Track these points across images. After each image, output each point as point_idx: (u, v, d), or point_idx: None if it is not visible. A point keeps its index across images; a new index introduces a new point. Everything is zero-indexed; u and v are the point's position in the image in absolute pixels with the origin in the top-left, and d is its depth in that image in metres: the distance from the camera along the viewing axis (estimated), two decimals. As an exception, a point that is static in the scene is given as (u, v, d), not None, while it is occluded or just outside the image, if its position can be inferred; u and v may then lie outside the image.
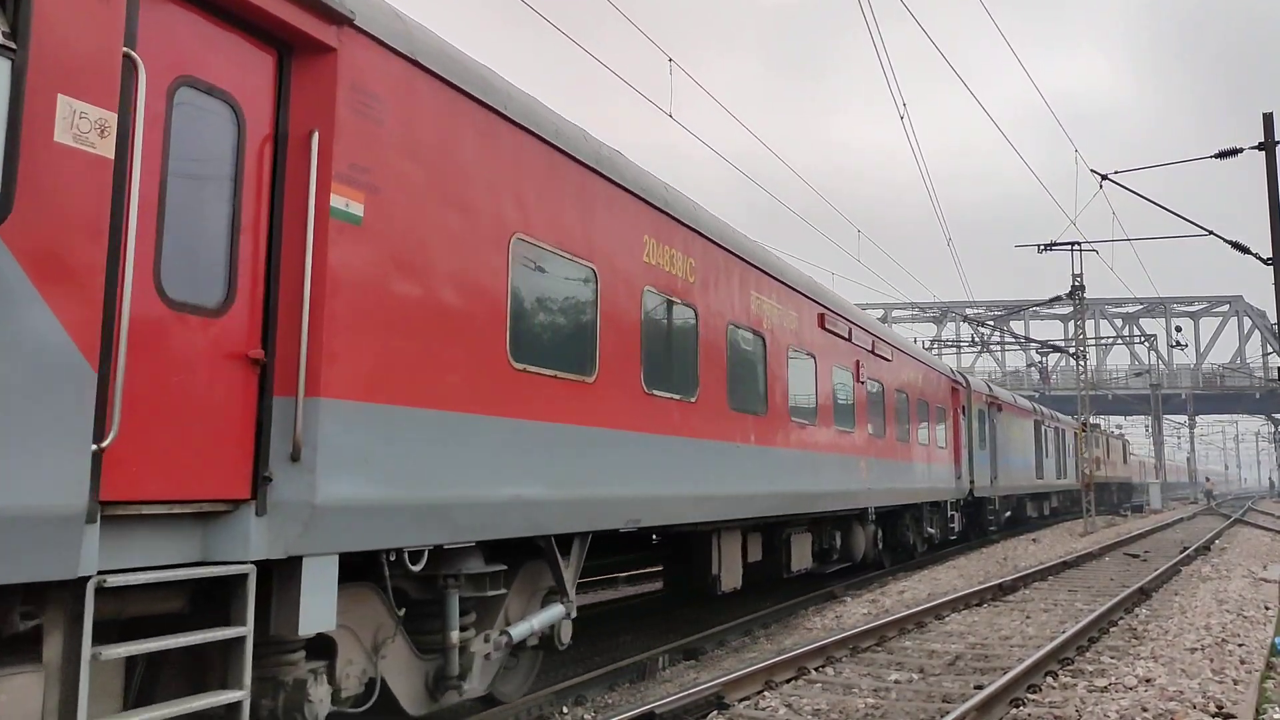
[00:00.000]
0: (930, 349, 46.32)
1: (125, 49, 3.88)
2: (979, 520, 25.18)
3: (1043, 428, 33.22)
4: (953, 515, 21.02)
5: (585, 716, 7.58)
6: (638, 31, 12.00)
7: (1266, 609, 12.33)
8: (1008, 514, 28.26)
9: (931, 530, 19.63)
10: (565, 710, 7.69)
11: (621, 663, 8.92)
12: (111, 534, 3.92)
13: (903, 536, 18.15)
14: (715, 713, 7.30)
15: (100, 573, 3.77)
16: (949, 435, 20.77)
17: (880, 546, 16.62)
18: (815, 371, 12.33)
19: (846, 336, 13.72)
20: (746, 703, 7.68)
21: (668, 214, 8.72)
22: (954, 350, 62.42)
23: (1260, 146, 18.86)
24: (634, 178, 8.18)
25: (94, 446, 3.68)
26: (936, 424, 19.59)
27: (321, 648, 5.27)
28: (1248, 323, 73.72)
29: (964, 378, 23.59)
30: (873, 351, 15.07)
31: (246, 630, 4.34)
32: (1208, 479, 69.58)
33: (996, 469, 25.42)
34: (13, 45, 3.43)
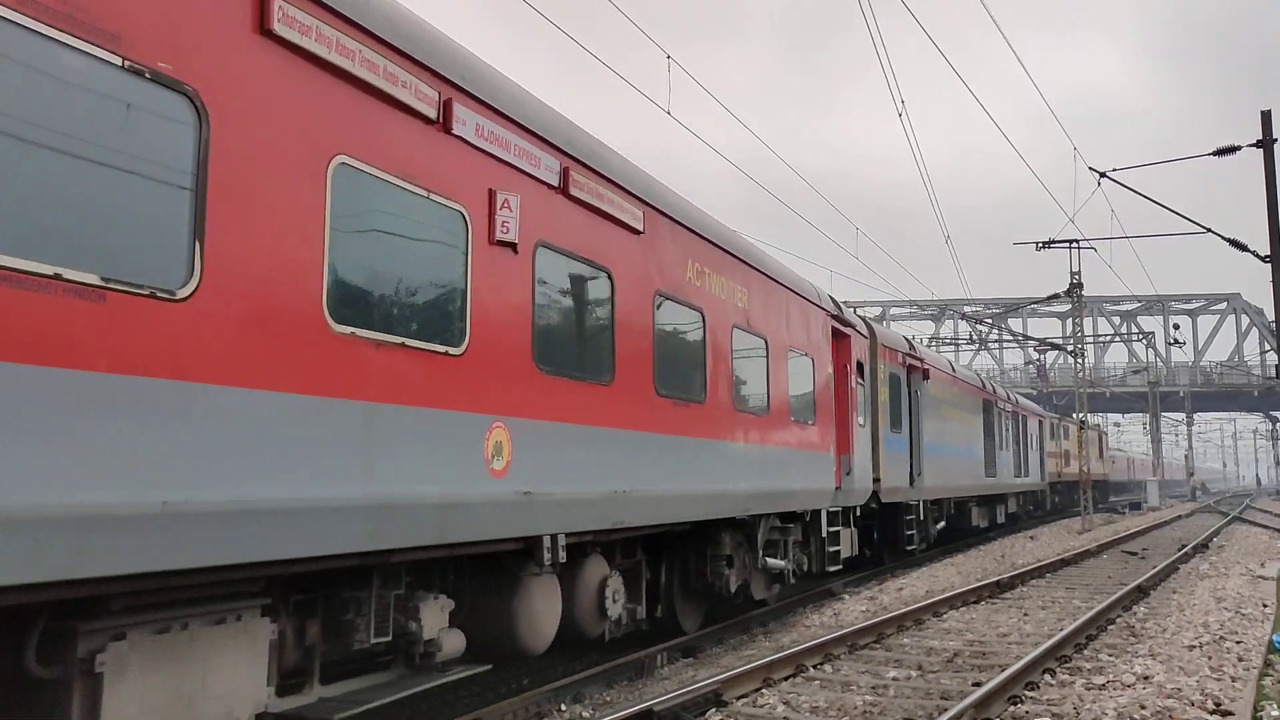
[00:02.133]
0: (929, 348, 33.98)
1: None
2: (893, 535, 17.74)
3: (996, 410, 26.15)
4: (835, 532, 13.00)
5: (583, 714, 7.57)
6: (636, 29, 11.98)
7: (1264, 607, 12.33)
8: (941, 525, 20.82)
9: (781, 561, 11.40)
10: (563, 708, 7.68)
11: (619, 660, 8.91)
12: None
13: (714, 580, 9.99)
14: (713, 710, 7.30)
15: None
16: (824, 405, 12.61)
17: (639, 609, 8.99)
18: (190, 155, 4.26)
19: (437, 120, 5.85)
20: (745, 700, 7.68)
21: None
22: (952, 348, 62.45)
23: (1258, 144, 18.88)
24: None
25: None
26: (792, 383, 11.46)
27: None
28: (1245, 320, 73.76)
29: (864, 323, 15.57)
30: (565, 191, 7.14)
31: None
32: (1191, 474, 69.75)
33: (921, 462, 18.13)
34: None
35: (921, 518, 18.51)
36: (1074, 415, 36.79)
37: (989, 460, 24.97)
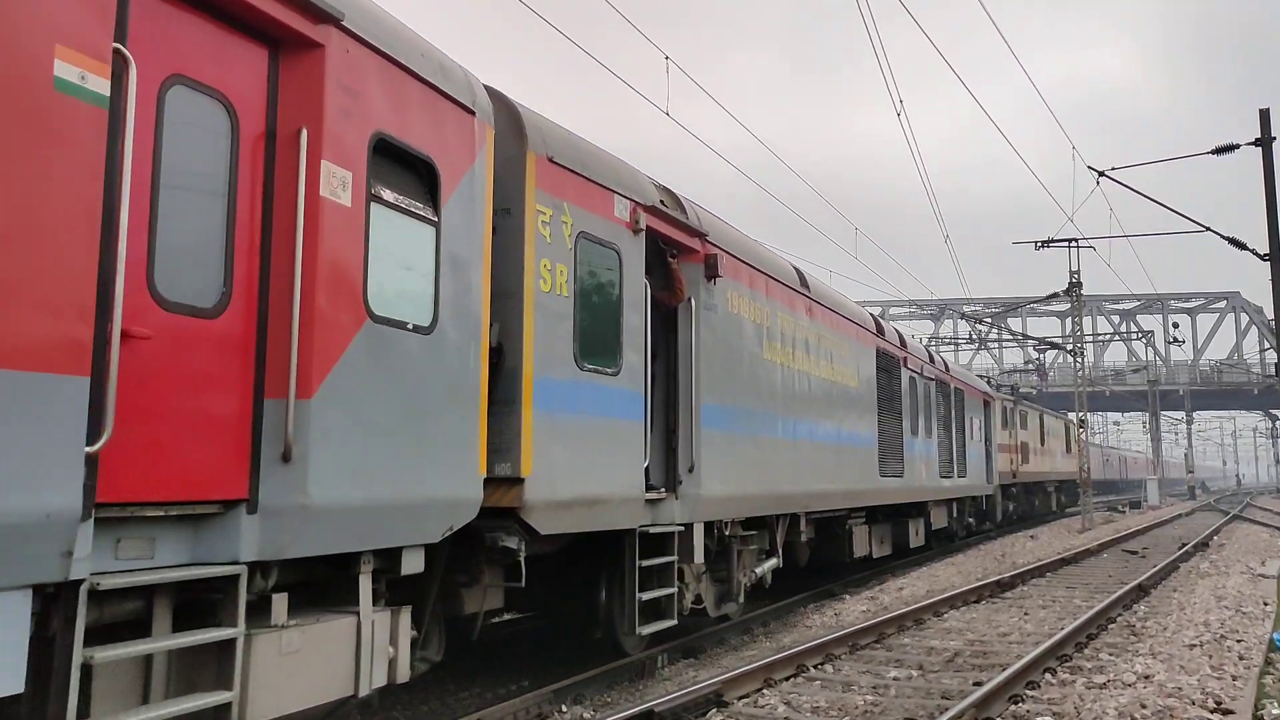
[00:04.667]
0: (928, 345, 27.87)
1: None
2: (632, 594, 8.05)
3: (905, 372, 16.56)
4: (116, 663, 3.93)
5: (584, 715, 7.57)
6: (636, 30, 11.97)
7: (1265, 605, 12.35)
8: (772, 563, 11.20)
9: None
10: (564, 709, 7.68)
11: (621, 661, 8.91)
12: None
13: None
14: (714, 711, 7.30)
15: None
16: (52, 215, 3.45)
17: None
18: None
19: None
20: (746, 700, 7.68)
21: None
22: (951, 347, 62.46)
23: (1257, 142, 18.87)
24: None
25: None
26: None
27: None
28: (1245, 318, 73.78)
29: (484, 89, 6.32)
30: None
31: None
32: (1190, 472, 69.83)
33: (697, 443, 8.93)
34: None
35: (698, 558, 9.18)
36: (1075, 413, 36.35)
37: (889, 451, 15.32)
